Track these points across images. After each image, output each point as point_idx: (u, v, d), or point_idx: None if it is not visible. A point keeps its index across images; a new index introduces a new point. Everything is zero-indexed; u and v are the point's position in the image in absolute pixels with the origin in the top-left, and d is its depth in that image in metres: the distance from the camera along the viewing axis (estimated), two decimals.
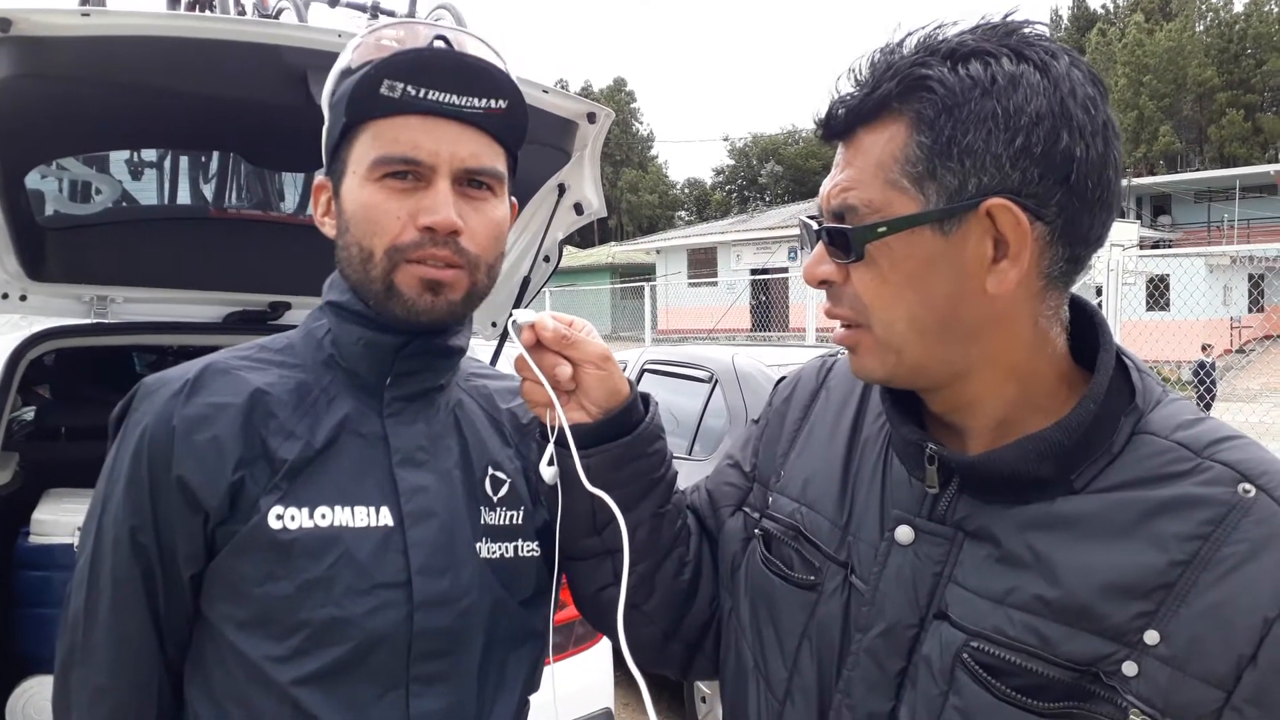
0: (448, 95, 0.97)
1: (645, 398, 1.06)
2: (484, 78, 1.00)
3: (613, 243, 41.20)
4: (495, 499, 1.09)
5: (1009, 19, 0.80)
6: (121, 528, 0.98)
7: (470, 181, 1.01)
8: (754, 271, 22.90)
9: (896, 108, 0.79)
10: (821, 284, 0.87)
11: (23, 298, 2.17)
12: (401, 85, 0.96)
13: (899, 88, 0.78)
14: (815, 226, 0.86)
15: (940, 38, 0.80)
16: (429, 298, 0.99)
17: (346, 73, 1.02)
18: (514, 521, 1.09)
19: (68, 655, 1.02)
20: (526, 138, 1.07)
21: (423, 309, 0.99)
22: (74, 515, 2.40)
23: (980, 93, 0.76)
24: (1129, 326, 7.00)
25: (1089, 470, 0.79)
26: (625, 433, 1.01)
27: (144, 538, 0.97)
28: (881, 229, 0.79)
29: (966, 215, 0.77)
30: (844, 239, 0.81)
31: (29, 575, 2.42)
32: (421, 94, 0.96)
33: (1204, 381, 9.18)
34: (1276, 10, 42.59)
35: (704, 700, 3.91)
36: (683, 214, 63.28)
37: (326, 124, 1.05)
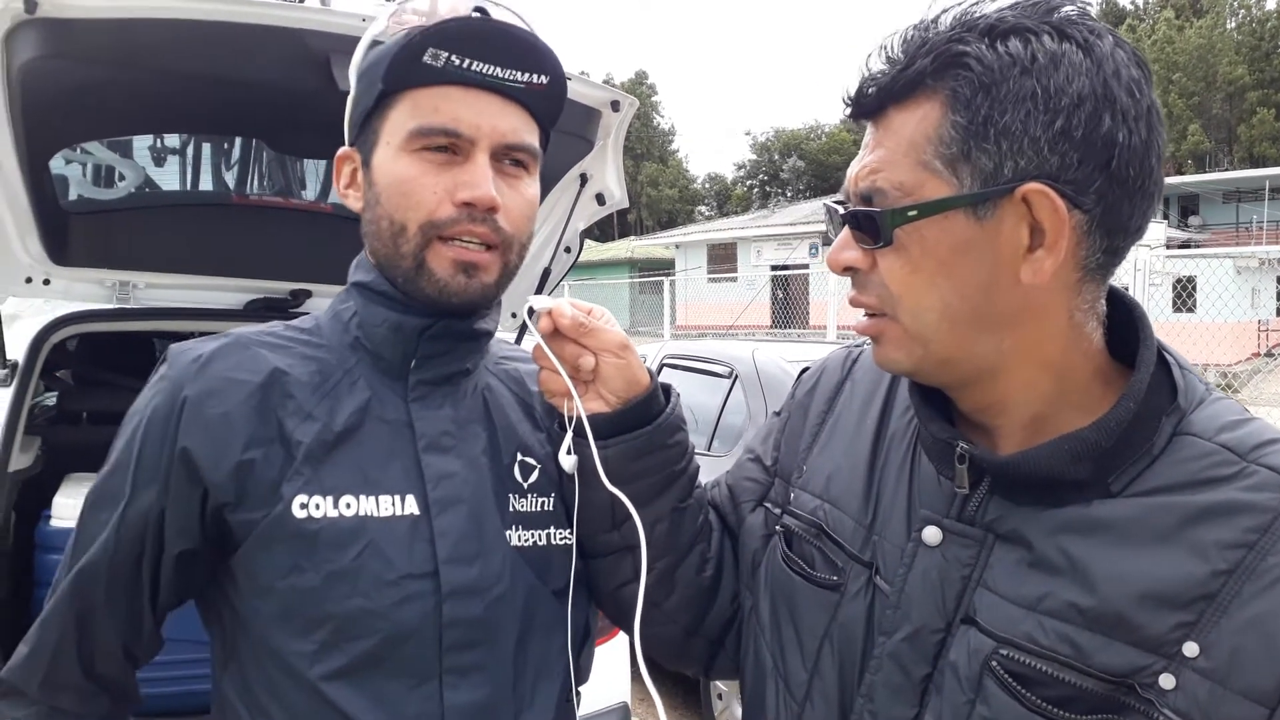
0: (491, 67, 0.95)
1: (666, 388, 1.04)
2: (529, 52, 0.97)
3: (632, 237, 41.18)
4: (525, 485, 1.06)
5: None
6: (122, 489, 0.95)
7: (507, 158, 0.99)
8: (774, 267, 22.77)
9: (931, 85, 0.76)
10: (846, 271, 0.84)
11: (46, 281, 2.19)
12: (445, 55, 0.93)
13: (934, 65, 0.75)
14: (841, 210, 0.82)
15: (978, 14, 0.76)
16: (462, 279, 0.97)
17: (378, 42, 1.00)
18: (545, 508, 1.06)
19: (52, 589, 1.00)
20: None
21: (455, 290, 0.97)
22: None
23: (1020, 71, 0.72)
24: (1154, 328, 6.92)
25: (1127, 472, 0.76)
26: (645, 423, 0.99)
27: (142, 503, 0.95)
28: (912, 212, 0.76)
29: (1002, 200, 0.74)
30: (872, 223, 0.78)
31: (50, 558, 2.43)
32: (466, 64, 0.94)
33: None
34: None
35: (720, 698, 3.89)
36: (703, 209, 63.17)
37: (354, 93, 1.02)
